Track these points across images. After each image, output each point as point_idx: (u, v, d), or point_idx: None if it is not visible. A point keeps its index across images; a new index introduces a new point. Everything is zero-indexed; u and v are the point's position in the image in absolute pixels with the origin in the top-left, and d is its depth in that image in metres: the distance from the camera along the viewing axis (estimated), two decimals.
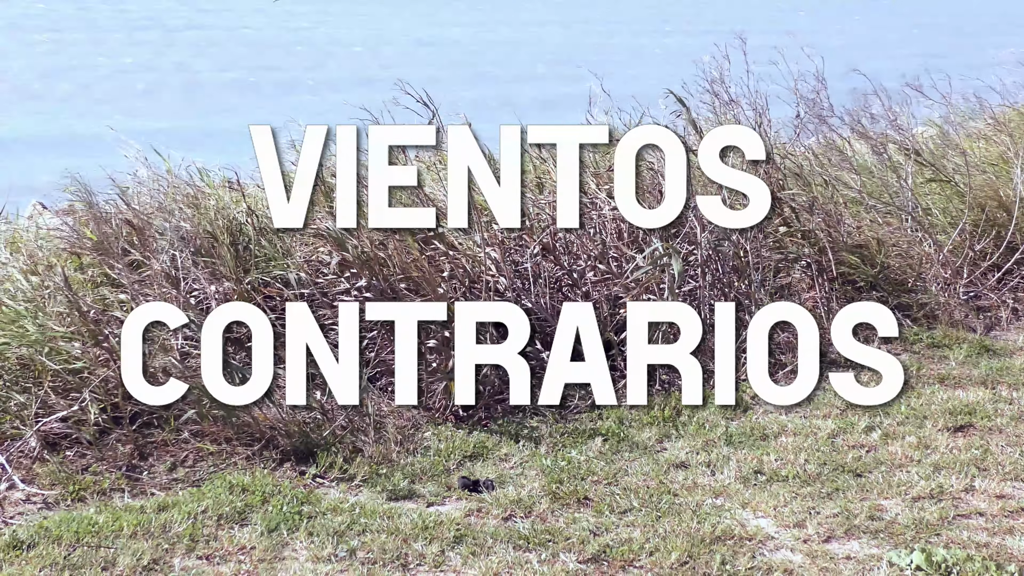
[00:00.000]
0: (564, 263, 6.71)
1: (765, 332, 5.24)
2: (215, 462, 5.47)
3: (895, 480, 5.30)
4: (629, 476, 5.38)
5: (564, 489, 5.22)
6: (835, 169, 8.09)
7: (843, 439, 5.73)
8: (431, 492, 5.25)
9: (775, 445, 5.68)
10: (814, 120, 8.19)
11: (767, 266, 7.13)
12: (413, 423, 5.85)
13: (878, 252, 7.58)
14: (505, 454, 5.62)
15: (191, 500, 5.08)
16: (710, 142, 5.45)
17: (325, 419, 5.60)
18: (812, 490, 5.22)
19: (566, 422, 5.93)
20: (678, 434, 5.81)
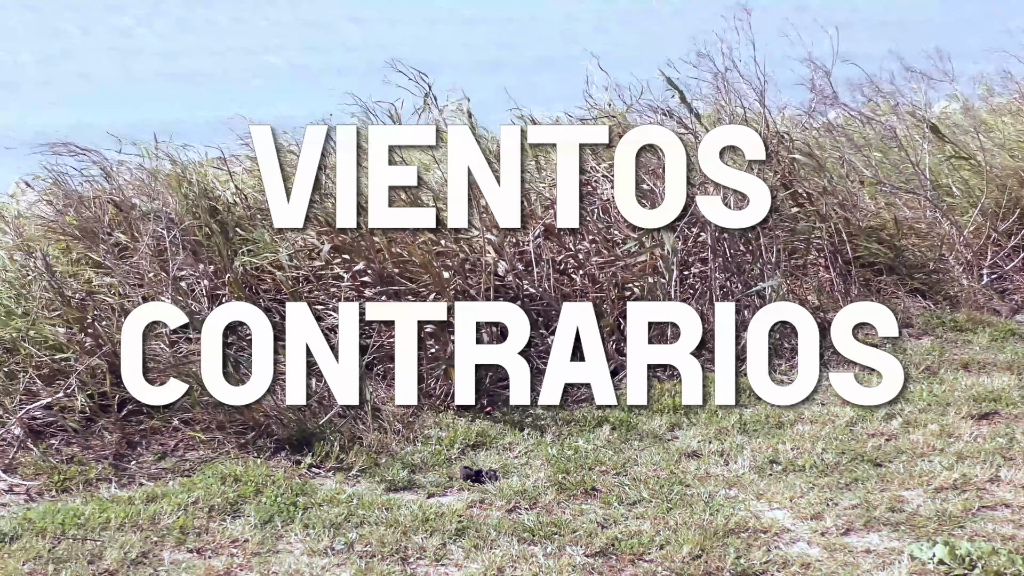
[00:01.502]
0: (568, 244, 6.68)
1: (765, 332, 5.30)
2: (206, 451, 5.45)
3: (917, 470, 5.27)
4: (638, 466, 5.36)
5: (570, 479, 5.19)
6: (850, 149, 8.05)
7: (862, 427, 5.71)
8: (432, 483, 5.22)
9: (791, 433, 5.65)
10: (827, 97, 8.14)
11: (780, 247, 7.10)
12: (413, 411, 5.82)
13: (896, 233, 7.56)
14: (509, 443, 5.59)
15: (181, 491, 5.05)
16: (710, 142, 5.57)
17: (321, 407, 5.57)
18: (830, 480, 5.19)
19: (572, 410, 5.90)
20: (689, 422, 5.78)
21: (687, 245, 6.82)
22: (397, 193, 6.11)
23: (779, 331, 6.15)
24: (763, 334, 5.25)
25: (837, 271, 7.25)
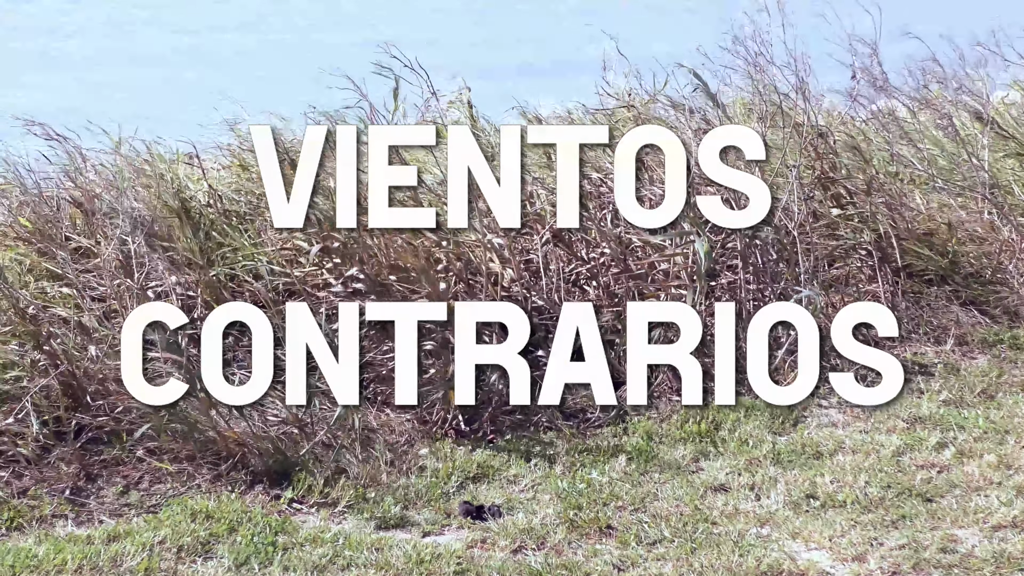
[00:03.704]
0: (580, 253, 6.70)
1: (765, 332, 5.53)
2: (174, 484, 5.47)
3: (971, 506, 5.28)
4: (659, 501, 5.38)
5: (583, 516, 5.22)
6: (899, 143, 8.05)
7: (910, 457, 5.72)
8: (427, 520, 5.24)
9: (830, 464, 5.67)
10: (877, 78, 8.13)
11: (819, 255, 7.11)
12: (407, 438, 5.85)
13: (949, 239, 7.57)
14: (514, 475, 5.61)
15: (146, 529, 5.07)
16: (710, 142, 5.89)
17: (303, 434, 5.60)
18: (874, 518, 5.21)
19: (585, 437, 5.93)
20: (716, 452, 5.80)
21: (713, 252, 6.83)
22: (396, 194, 6.37)
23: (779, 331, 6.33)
24: (763, 334, 5.49)
25: (885, 282, 7.26)
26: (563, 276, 6.56)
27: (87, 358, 5.73)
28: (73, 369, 5.65)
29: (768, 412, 6.05)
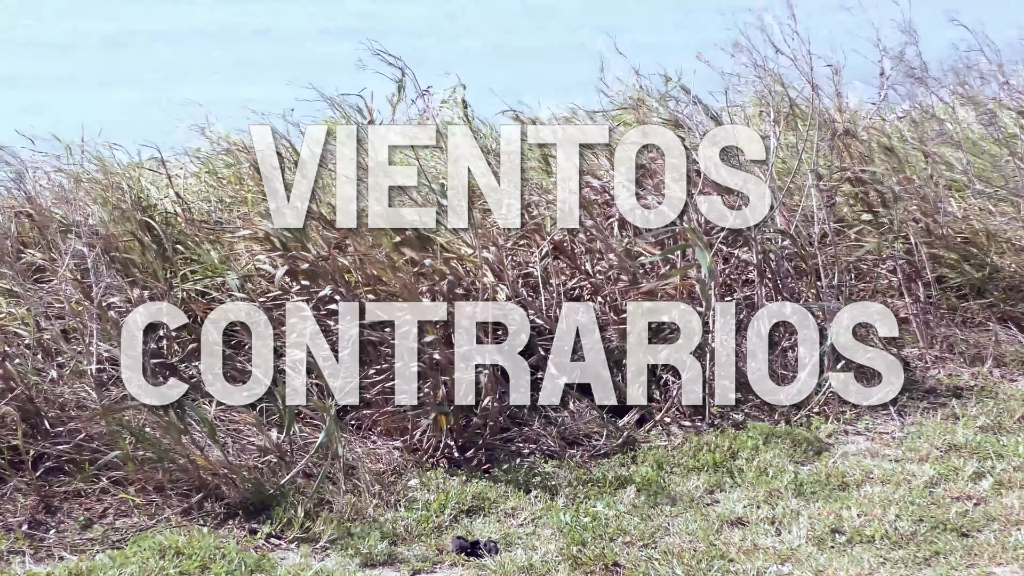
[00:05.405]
0: (583, 267, 6.73)
1: (765, 332, 5.86)
2: (141, 518, 5.49)
3: (1011, 541, 5.31)
4: (670, 536, 5.40)
5: (588, 553, 5.25)
6: (935, 143, 8.05)
7: (944, 489, 5.76)
8: (417, 556, 5.27)
9: (857, 496, 5.70)
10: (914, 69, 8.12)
11: (844, 267, 7.14)
12: (395, 468, 5.88)
13: (988, 248, 7.58)
14: (512, 508, 5.64)
15: (111, 566, 5.10)
16: (709, 142, 6.30)
17: (283, 463, 5.63)
18: (905, 554, 5.24)
19: (589, 467, 5.96)
20: (733, 482, 5.83)
21: (728, 265, 6.88)
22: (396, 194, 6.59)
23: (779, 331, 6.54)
24: (763, 334, 5.80)
25: (913, 297, 7.28)
26: (564, 293, 6.58)
27: (47, 381, 5.77)
28: (30, 393, 5.68)
29: (789, 439, 6.09)
